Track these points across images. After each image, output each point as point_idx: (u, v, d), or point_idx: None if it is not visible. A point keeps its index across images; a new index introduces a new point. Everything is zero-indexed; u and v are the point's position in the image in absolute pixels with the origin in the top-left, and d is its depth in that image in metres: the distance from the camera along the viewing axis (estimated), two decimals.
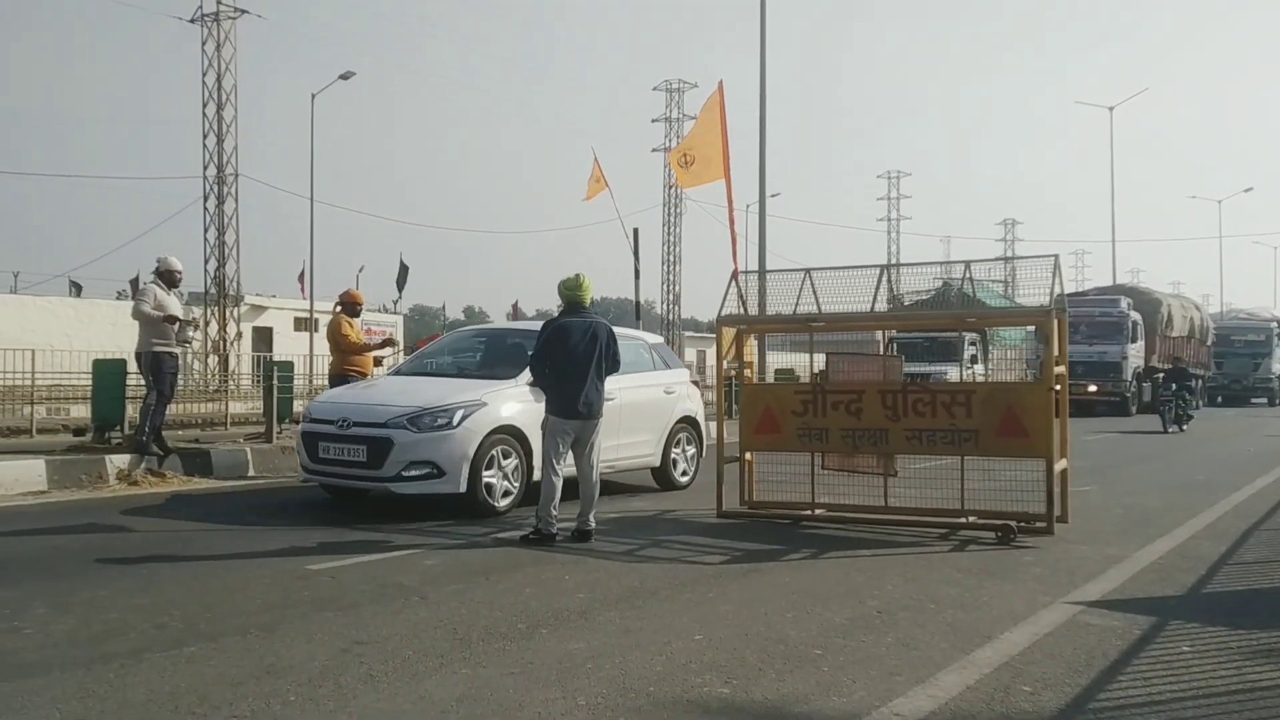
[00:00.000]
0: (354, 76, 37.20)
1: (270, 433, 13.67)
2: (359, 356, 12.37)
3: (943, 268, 13.29)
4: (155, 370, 11.24)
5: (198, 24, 34.40)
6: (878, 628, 5.42)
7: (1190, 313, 35.45)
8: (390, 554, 7.33)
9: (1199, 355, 35.42)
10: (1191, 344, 34.61)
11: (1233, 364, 39.63)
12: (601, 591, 6.21)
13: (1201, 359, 35.74)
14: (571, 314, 8.24)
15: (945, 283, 12.77)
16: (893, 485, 8.78)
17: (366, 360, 12.57)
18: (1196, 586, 6.61)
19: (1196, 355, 34.91)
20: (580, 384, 8.00)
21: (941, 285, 11.78)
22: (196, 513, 9.46)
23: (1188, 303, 37.02)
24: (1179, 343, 32.77)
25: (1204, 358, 36.36)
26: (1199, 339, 35.70)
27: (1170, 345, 31.68)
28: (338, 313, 12.65)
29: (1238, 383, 39.83)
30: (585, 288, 8.30)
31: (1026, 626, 5.44)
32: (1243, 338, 40.60)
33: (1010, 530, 7.93)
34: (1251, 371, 39.78)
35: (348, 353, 12.29)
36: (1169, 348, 31.28)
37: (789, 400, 9.02)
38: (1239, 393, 39.86)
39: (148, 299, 11.30)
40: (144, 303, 11.26)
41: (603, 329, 8.25)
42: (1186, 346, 33.56)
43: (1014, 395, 8.43)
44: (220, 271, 34.49)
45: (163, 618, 5.48)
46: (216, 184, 34.33)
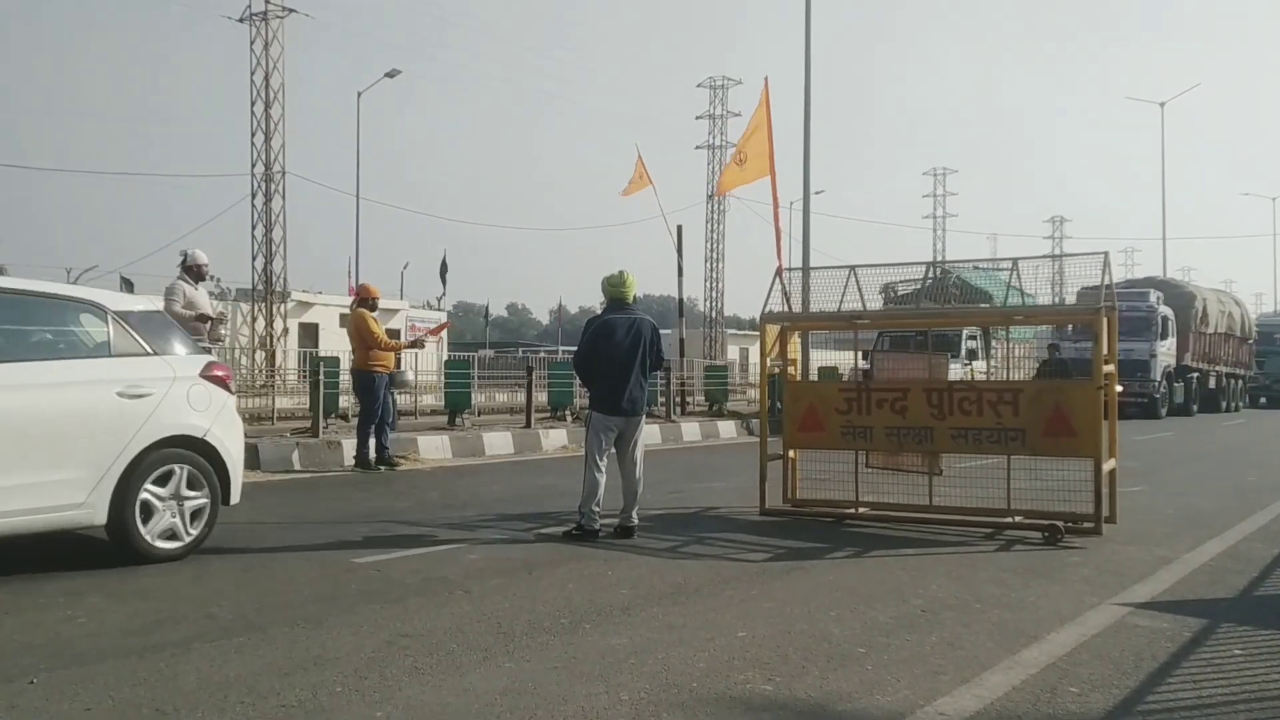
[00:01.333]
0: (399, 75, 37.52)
1: (316, 427, 13.81)
2: (383, 352, 12.44)
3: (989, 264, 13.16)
4: None
5: (246, 23, 34.80)
6: (922, 627, 5.39)
7: (1229, 308, 33.48)
8: (434, 548, 7.39)
9: (1239, 354, 33.92)
10: (1230, 342, 32.97)
11: (1275, 363, 38.12)
12: (644, 587, 6.22)
13: (1242, 358, 34.24)
14: (615, 311, 8.27)
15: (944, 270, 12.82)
16: (937, 484, 8.72)
17: (390, 355, 12.63)
18: (1249, 589, 6.50)
19: (1236, 354, 33.52)
20: (625, 381, 8.05)
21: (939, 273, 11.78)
22: (244, 505, 9.53)
23: (1226, 298, 34.90)
24: (1215, 340, 31.19)
25: (1245, 356, 34.67)
26: (1240, 337, 33.83)
27: (1205, 343, 30.14)
28: (358, 309, 12.72)
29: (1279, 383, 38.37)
30: (629, 284, 8.34)
31: (1073, 627, 5.38)
32: None
33: (1057, 530, 7.85)
34: None
35: (373, 349, 12.38)
36: (1204, 345, 29.92)
37: (833, 398, 8.98)
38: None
39: (178, 298, 11.26)
40: (174, 302, 11.24)
41: (646, 325, 8.25)
42: (1224, 345, 32.19)
43: (1062, 394, 8.33)
44: (268, 268, 34.88)
45: (212, 608, 5.56)
46: (264, 181, 34.70)
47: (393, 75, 37.71)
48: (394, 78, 37.84)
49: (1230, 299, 35.12)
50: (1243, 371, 34.37)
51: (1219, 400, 31.79)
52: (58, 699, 4.08)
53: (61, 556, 6.94)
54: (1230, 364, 32.74)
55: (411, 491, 10.62)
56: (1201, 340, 29.80)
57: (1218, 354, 31.43)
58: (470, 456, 14.34)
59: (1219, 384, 31.92)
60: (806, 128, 22.77)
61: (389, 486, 11.02)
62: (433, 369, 22.49)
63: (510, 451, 15.07)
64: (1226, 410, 31.82)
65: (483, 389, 20.37)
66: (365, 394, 12.48)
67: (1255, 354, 36.00)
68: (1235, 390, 33.48)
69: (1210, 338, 30.63)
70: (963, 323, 14.00)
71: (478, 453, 14.62)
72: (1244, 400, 35.09)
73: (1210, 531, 8.48)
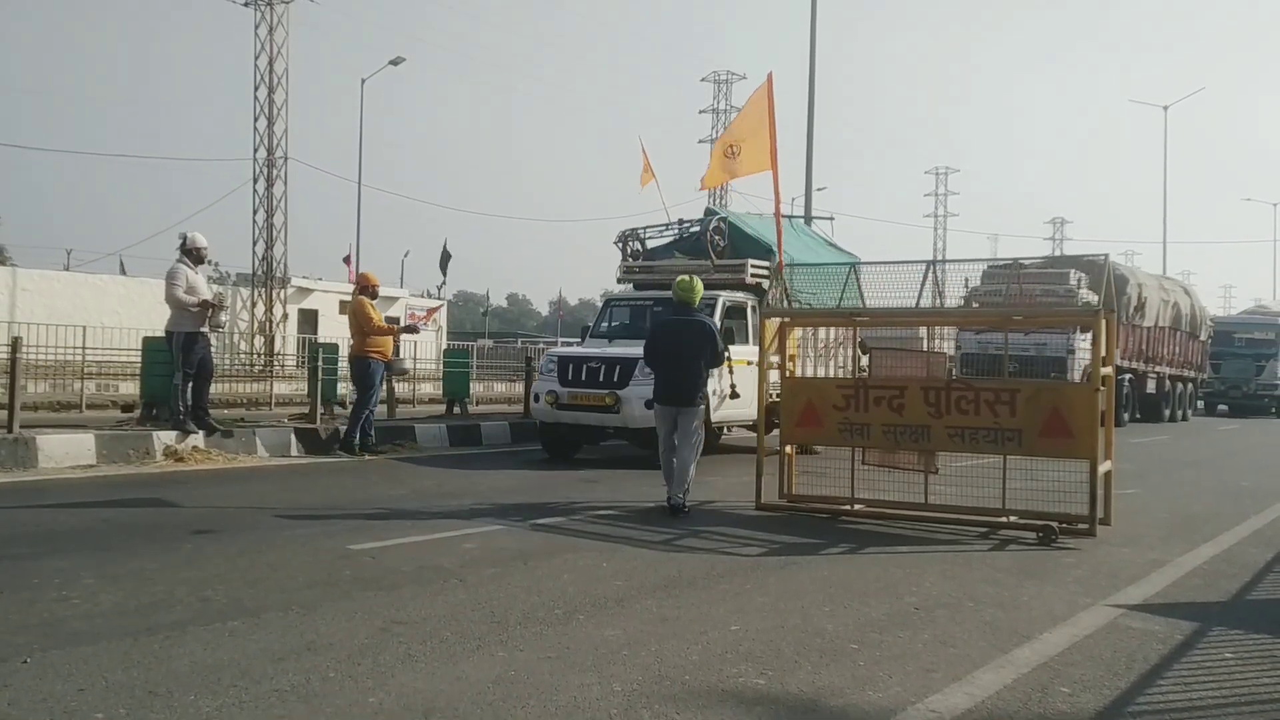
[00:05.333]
0: (404, 62, 37.46)
1: (314, 413, 13.81)
2: (380, 338, 12.59)
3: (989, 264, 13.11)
4: (186, 350, 11.31)
5: (251, 8, 34.74)
6: (915, 624, 5.40)
7: (1174, 297, 27.66)
8: (430, 536, 7.40)
9: (1188, 353, 28.67)
10: (1176, 338, 27.63)
11: (1232, 366, 33.43)
12: (639, 580, 6.23)
13: (1191, 357, 29.06)
14: (681, 311, 9.23)
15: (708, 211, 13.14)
16: (933, 482, 8.73)
17: (387, 342, 12.85)
18: (1241, 593, 6.51)
19: (1183, 352, 28.29)
20: (682, 374, 8.98)
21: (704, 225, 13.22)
22: (241, 490, 9.59)
23: (1172, 285, 29.20)
24: (1156, 335, 25.92)
25: (1195, 356, 29.43)
26: (1187, 332, 28.51)
27: (1142, 338, 24.95)
28: (358, 296, 12.91)
29: (1237, 389, 33.87)
30: (696, 290, 9.25)
31: (1066, 628, 5.40)
32: (1246, 335, 34.37)
33: (1052, 531, 7.86)
34: (1254, 376, 33.62)
35: (370, 334, 12.49)
36: (1140, 340, 24.77)
37: (831, 394, 8.99)
38: (1238, 401, 34.00)
39: (180, 282, 11.30)
40: (177, 287, 11.27)
41: (707, 326, 9.22)
42: (1168, 341, 26.98)
43: (1059, 395, 8.34)
44: (269, 253, 34.88)
45: (207, 592, 5.57)
46: (266, 167, 34.70)
47: (397, 63, 37.64)
48: (398, 65, 37.76)
49: (1178, 287, 29.52)
50: (1192, 374, 29.28)
51: (1160, 406, 26.95)
52: (51, 679, 4.09)
53: (58, 537, 6.96)
54: (1176, 364, 27.68)
55: (408, 480, 10.63)
56: (1137, 335, 24.57)
57: (1158, 351, 26.20)
58: (467, 445, 14.35)
59: (1160, 387, 26.81)
60: (810, 124, 22.80)
61: (386, 474, 11.03)
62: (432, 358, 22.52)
63: (508, 441, 15.08)
64: (1171, 419, 27.29)
65: (481, 378, 20.37)
66: (362, 380, 12.56)
67: (1209, 354, 31.30)
68: (1182, 395, 28.56)
69: (1149, 332, 25.44)
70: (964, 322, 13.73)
71: (474, 441, 14.62)
72: (1194, 406, 30.55)
73: (1204, 535, 8.49)
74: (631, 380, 12.02)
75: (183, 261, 11.52)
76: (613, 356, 12.54)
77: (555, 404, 12.64)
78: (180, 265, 11.48)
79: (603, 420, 12.41)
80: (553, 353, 14.31)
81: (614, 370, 12.31)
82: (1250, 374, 33.66)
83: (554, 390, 12.64)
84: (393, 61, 37.59)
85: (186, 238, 11.75)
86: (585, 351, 13.23)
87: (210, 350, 12.05)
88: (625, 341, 13.07)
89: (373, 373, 12.50)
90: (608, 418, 12.31)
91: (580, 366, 12.66)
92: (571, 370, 12.68)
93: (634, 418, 11.96)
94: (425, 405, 19.43)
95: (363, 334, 12.53)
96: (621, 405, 12.09)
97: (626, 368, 12.17)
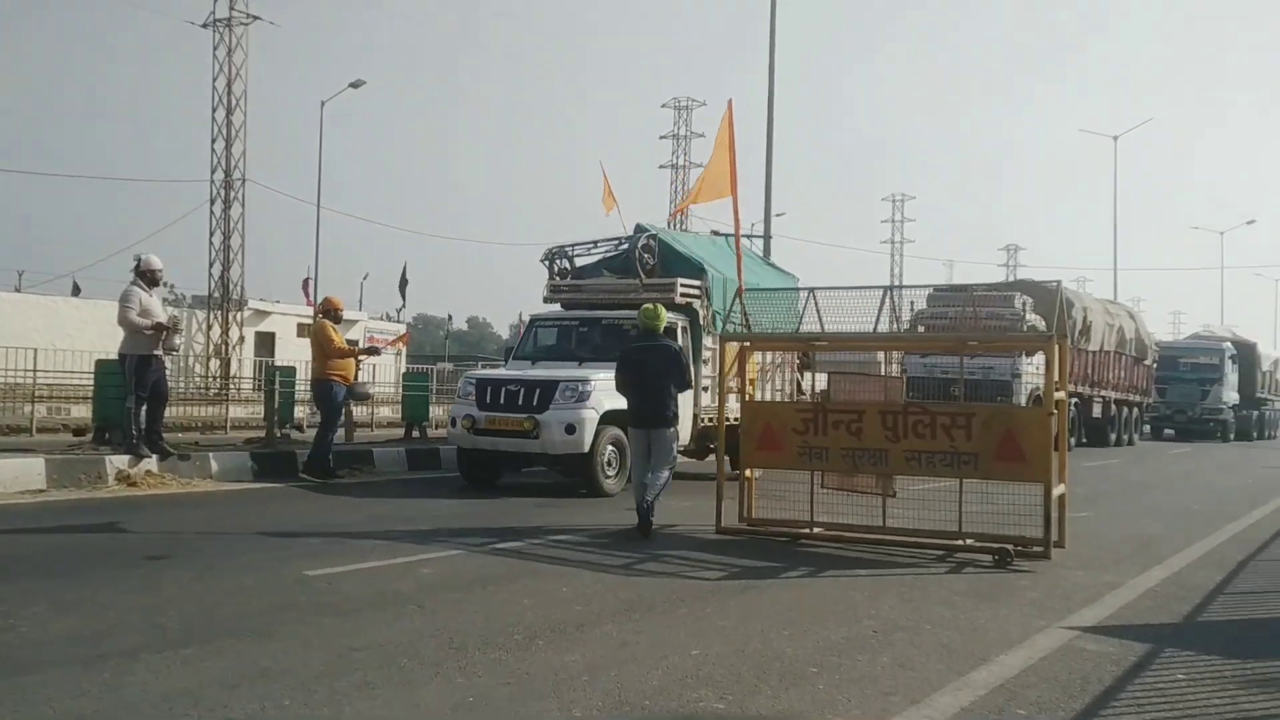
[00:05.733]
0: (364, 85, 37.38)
1: (271, 437, 13.68)
2: (341, 361, 12.53)
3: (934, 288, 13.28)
4: (139, 373, 11.17)
5: (209, 29, 34.55)
6: (874, 647, 5.43)
7: (1119, 321, 27.79)
8: (388, 561, 7.34)
9: (1133, 377, 28.79)
10: (1122, 362, 27.80)
11: (1178, 391, 33.60)
12: (598, 604, 6.21)
13: (1137, 382, 29.19)
14: (646, 338, 9.59)
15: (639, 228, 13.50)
16: (891, 506, 8.78)
17: (349, 364, 12.77)
18: (1192, 615, 6.60)
19: (1129, 377, 28.41)
20: (651, 397, 9.31)
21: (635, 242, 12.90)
22: (195, 515, 9.47)
23: (1118, 309, 29.38)
24: (1101, 359, 26.15)
25: (1141, 381, 29.63)
26: (1133, 356, 28.64)
27: (1088, 362, 25.07)
28: (320, 319, 12.86)
29: (1182, 413, 33.89)
30: (661, 317, 9.67)
31: (1022, 650, 5.44)
32: (1191, 360, 34.57)
33: (1007, 554, 7.93)
34: (1199, 400, 33.73)
35: (331, 356, 12.47)
36: (1086, 364, 24.90)
37: (790, 418, 9.03)
38: (1184, 425, 34.05)
39: (134, 304, 11.16)
40: (130, 309, 11.14)
41: (673, 350, 9.60)
42: (1114, 365, 27.20)
43: (1014, 419, 8.44)
44: (225, 275, 34.56)
45: (160, 619, 5.49)
46: (224, 188, 34.44)
47: (357, 86, 37.52)
48: (358, 88, 37.66)
49: (1123, 311, 29.64)
50: (1138, 398, 29.33)
51: (1106, 430, 26.93)
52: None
53: (6, 563, 6.82)
54: (1122, 388, 27.86)
55: (366, 504, 10.54)
56: (1083, 359, 24.48)
57: (1104, 376, 26.47)
58: (427, 469, 14.25)
59: (1106, 411, 26.87)
60: (769, 150, 22.96)
61: (344, 499, 10.93)
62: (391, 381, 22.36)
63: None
64: (1118, 443, 27.33)
65: (441, 402, 20.24)
66: (325, 403, 12.48)
67: (1155, 379, 31.51)
68: (1128, 419, 28.58)
69: (1094, 356, 25.60)
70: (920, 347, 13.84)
71: (434, 466, 14.52)
72: (1140, 431, 30.58)
73: (1156, 557, 8.61)
74: (552, 404, 11.55)
75: (137, 283, 11.40)
76: (533, 379, 12.01)
77: (472, 429, 11.98)
78: (134, 287, 11.35)
79: (521, 446, 11.72)
80: (471, 375, 13.61)
81: (534, 393, 11.73)
82: (1195, 398, 33.76)
83: (471, 414, 11.99)
84: (353, 84, 37.49)
85: (141, 259, 11.63)
86: (504, 374, 12.72)
87: (165, 373, 11.90)
88: (550, 363, 12.69)
89: (335, 395, 12.42)
90: (526, 443, 11.64)
91: (499, 389, 12.03)
92: (490, 393, 12.05)
93: (554, 443, 11.47)
94: (384, 429, 19.29)
95: (324, 357, 12.45)
96: (541, 430, 11.49)
97: (547, 391, 11.66)
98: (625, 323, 12.40)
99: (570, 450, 11.50)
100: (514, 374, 12.48)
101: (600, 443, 11.60)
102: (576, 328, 13.40)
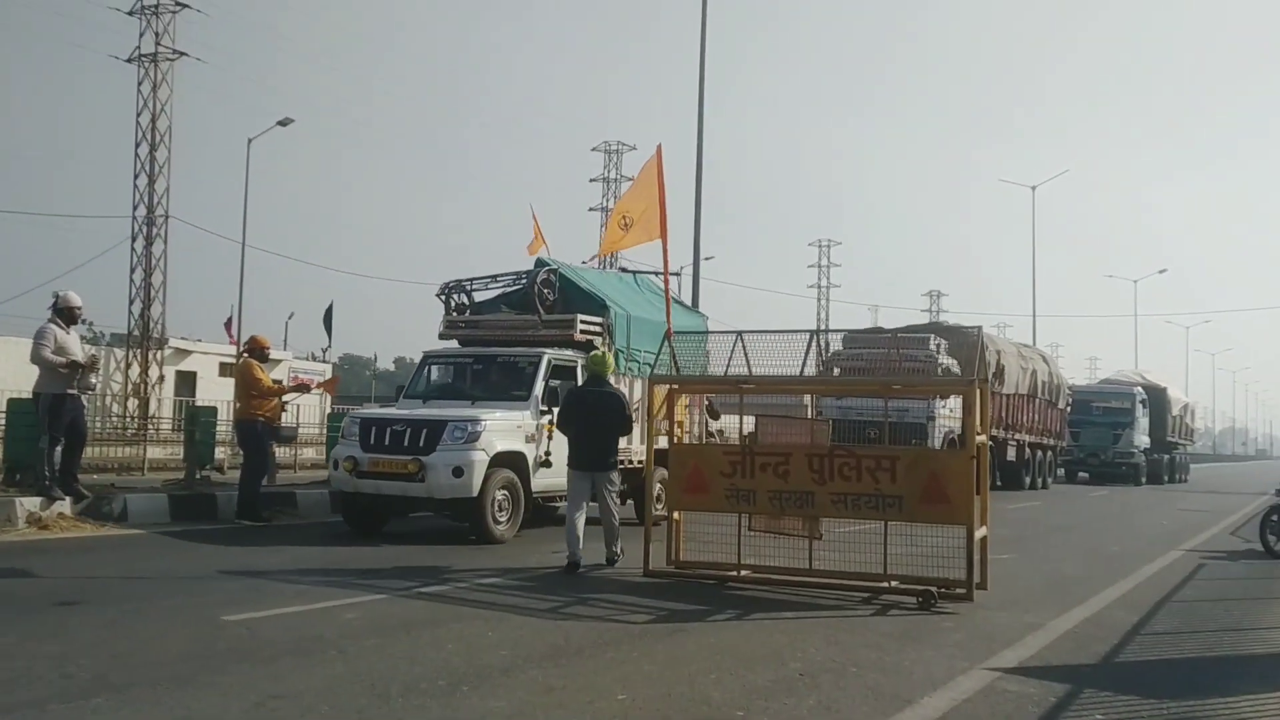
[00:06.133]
0: (291, 123, 37.07)
1: (190, 478, 13.38)
2: (266, 400, 12.33)
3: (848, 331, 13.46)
4: (54, 413, 10.88)
5: (134, 64, 34.05)
6: (799, 690, 5.44)
7: (1033, 365, 28.20)
8: (310, 606, 7.19)
9: (1047, 420, 29.24)
10: (1035, 405, 28.07)
11: (1090, 434, 34.10)
12: (525, 649, 6.15)
13: (1050, 425, 29.64)
14: (593, 384, 9.90)
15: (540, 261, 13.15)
16: (817, 548, 8.84)
17: (274, 404, 12.54)
18: (1110, 655, 6.73)
19: (1043, 420, 28.81)
20: (597, 441, 9.58)
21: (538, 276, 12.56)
22: (110, 559, 9.20)
23: (1031, 353, 29.83)
24: (1016, 402, 26.39)
25: (1054, 424, 30.11)
26: (1047, 399, 29.07)
27: (1002, 405, 25.09)
28: (246, 358, 12.70)
29: (1095, 456, 34.35)
30: (608, 364, 10.01)
31: (946, 692, 5.50)
32: (1103, 404, 35.06)
33: (931, 596, 8.02)
34: (1111, 444, 34.20)
35: (261, 396, 12.30)
36: (1000, 408, 24.88)
37: (718, 461, 9.07)
38: (1097, 468, 34.44)
39: (48, 341, 10.89)
40: (44, 346, 10.87)
41: (616, 398, 9.85)
42: (1027, 409, 27.49)
43: (938, 462, 8.57)
44: (145, 313, 33.84)
45: (70, 667, 5.32)
46: (146, 225, 33.80)
47: (285, 124, 37.17)
48: (286, 126, 37.32)
49: (1036, 355, 30.27)
50: (1052, 441, 29.74)
51: (1021, 474, 27.04)
52: None
53: None
54: (1036, 432, 28.17)
55: (288, 548, 10.32)
56: (996, 402, 24.04)
57: (1018, 419, 26.66)
58: None
59: (1020, 454, 26.99)
60: (698, 195, 23.20)
61: (266, 542, 10.70)
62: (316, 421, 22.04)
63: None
64: (1032, 486, 27.54)
65: None
66: (248, 444, 12.25)
67: (1069, 423, 32.06)
68: (1042, 462, 28.80)
69: (1009, 399, 25.89)
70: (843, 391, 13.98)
71: None
72: (1054, 474, 30.88)
73: (1076, 598, 8.77)
74: (439, 445, 10.79)
75: (55, 321, 11.13)
76: (420, 418, 11.23)
77: (354, 471, 11.14)
78: (50, 325, 11.09)
79: (405, 490, 10.90)
80: (355, 414, 12.64)
81: (420, 434, 10.95)
82: (1108, 441, 34.20)
83: (353, 456, 11.15)
84: (281, 122, 37.12)
85: (59, 296, 11.37)
86: (389, 413, 11.95)
87: (83, 413, 11.61)
88: (443, 402, 11.98)
89: (260, 435, 12.22)
90: (411, 487, 10.84)
91: (384, 429, 11.22)
92: (374, 434, 11.23)
93: (440, 487, 10.72)
94: (308, 470, 18.96)
95: (249, 396, 12.24)
96: (426, 473, 10.71)
97: (434, 431, 10.90)
98: (521, 360, 12.04)
99: (458, 494, 10.80)
100: (400, 413, 11.75)
101: (491, 486, 10.90)
102: (471, 365, 12.76)
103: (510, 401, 11.62)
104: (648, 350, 12.41)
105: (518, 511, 11.33)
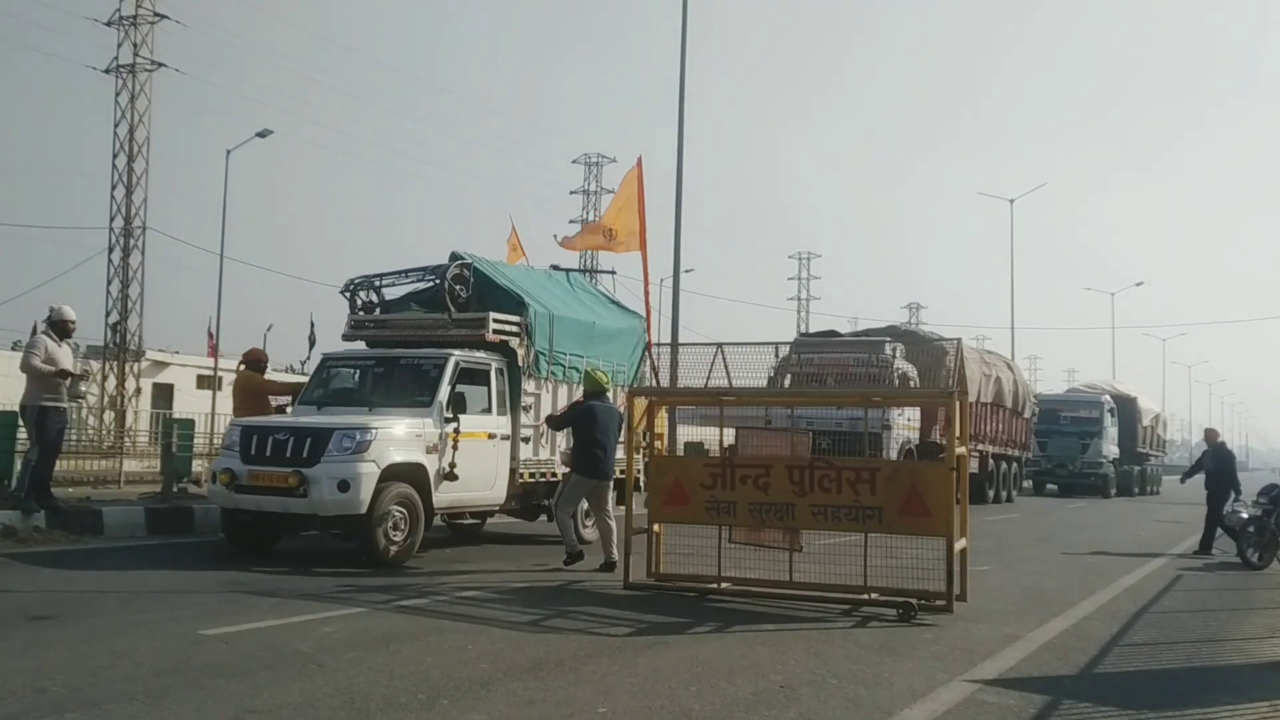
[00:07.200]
0: (271, 135, 36.92)
1: (167, 492, 13.27)
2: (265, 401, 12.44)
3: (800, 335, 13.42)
4: (40, 425, 10.81)
5: (112, 74, 33.86)
6: (780, 703, 5.44)
7: (997, 372, 26.95)
8: (288, 620, 7.14)
9: (1012, 430, 27.99)
10: (1000, 415, 26.92)
11: (1058, 445, 33.33)
12: (505, 662, 6.13)
13: (1016, 436, 28.48)
14: (595, 399, 10.57)
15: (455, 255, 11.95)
16: (797, 560, 8.84)
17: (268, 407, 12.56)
18: (1089, 666, 6.76)
19: (1008, 430, 27.56)
20: (605, 452, 10.32)
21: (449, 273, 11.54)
22: (86, 573, 9.10)
23: (995, 359, 28.69)
24: (976, 412, 24.53)
25: (1020, 435, 28.94)
26: (1012, 409, 27.86)
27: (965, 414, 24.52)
28: (243, 370, 12.72)
29: (1063, 467, 33.58)
30: (606, 381, 10.83)
31: (925, 704, 5.50)
32: (1071, 414, 34.25)
33: (911, 608, 8.04)
34: (1079, 454, 33.36)
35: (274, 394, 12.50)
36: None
37: (698, 473, 9.07)
38: (1065, 479, 33.70)
39: (38, 351, 10.85)
40: (34, 355, 10.83)
41: (619, 413, 10.53)
42: (991, 418, 26.17)
43: (917, 474, 8.59)
44: (122, 325, 33.58)
45: (44, 682, 5.26)
46: (123, 236, 33.57)
47: (264, 135, 36.98)
48: (265, 137, 37.16)
49: (1000, 362, 28.89)
50: (1017, 452, 28.55)
51: (984, 486, 25.48)
52: None
53: None
54: (1000, 442, 26.84)
55: (268, 559, 10.24)
56: None
57: (982, 430, 25.09)
58: None
59: (984, 466, 25.40)
60: (678, 206, 23.22)
61: (244, 555, 10.60)
62: None
63: None
64: (996, 500, 26.22)
65: None
66: None
67: (1035, 432, 31.02)
68: (1007, 474, 27.50)
69: (971, 408, 22.40)
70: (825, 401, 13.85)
71: None
72: (1020, 486, 29.78)
73: (1055, 610, 8.80)
74: (324, 456, 9.69)
75: (47, 333, 11.11)
76: (304, 427, 10.15)
77: (232, 485, 10.02)
78: (43, 336, 11.08)
79: (286, 505, 9.81)
80: (237, 422, 11.24)
81: (303, 444, 9.84)
82: (1076, 452, 33.41)
83: (230, 468, 10.06)
84: (260, 133, 36.95)
85: (54, 309, 11.35)
86: (272, 421, 10.91)
87: (63, 427, 11.55)
88: (338, 409, 10.79)
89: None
90: (292, 502, 9.75)
91: (265, 439, 10.08)
92: (255, 443, 10.10)
93: (323, 503, 9.64)
94: None
95: (254, 398, 12.34)
96: (309, 487, 9.61)
97: (319, 441, 9.80)
98: (426, 363, 10.96)
99: (343, 511, 9.70)
100: (283, 422, 10.76)
101: (382, 502, 9.77)
102: (372, 368, 11.57)
103: (412, 408, 10.58)
104: (574, 353, 11.88)
105: (417, 530, 10.22)
